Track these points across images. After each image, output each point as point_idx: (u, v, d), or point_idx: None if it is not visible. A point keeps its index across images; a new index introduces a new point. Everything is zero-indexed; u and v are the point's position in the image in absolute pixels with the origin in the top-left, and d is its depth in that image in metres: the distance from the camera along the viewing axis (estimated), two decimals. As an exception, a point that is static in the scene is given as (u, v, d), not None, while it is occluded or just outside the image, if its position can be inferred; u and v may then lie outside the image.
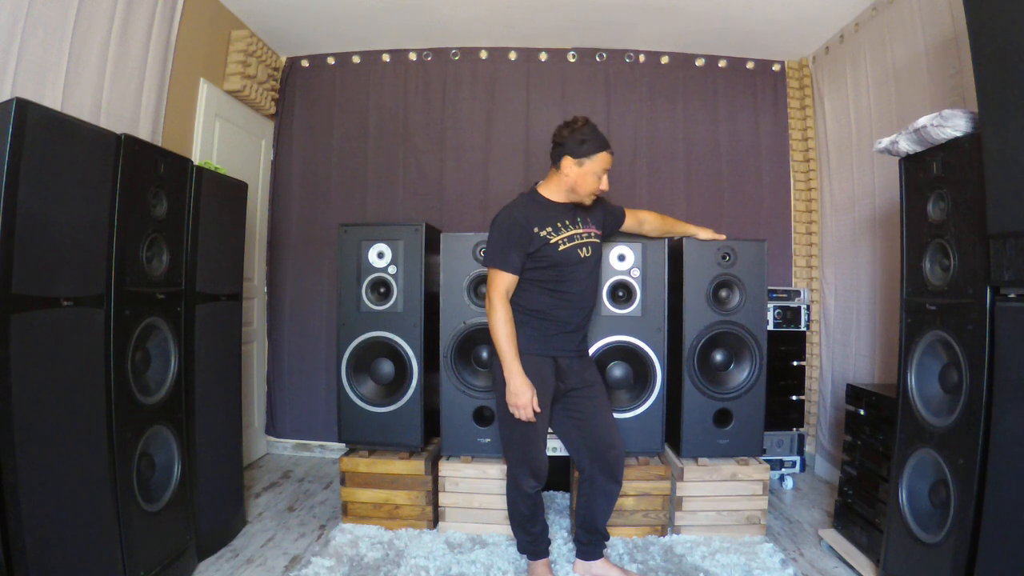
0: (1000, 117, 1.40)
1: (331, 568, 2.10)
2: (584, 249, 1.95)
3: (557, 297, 1.93)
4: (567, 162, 1.89)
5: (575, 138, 1.87)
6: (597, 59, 3.46)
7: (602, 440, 1.97)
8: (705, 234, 2.36)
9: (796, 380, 3.04)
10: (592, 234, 2.00)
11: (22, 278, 1.42)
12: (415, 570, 2.09)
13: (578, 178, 1.90)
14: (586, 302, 2.00)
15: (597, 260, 2.04)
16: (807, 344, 3.12)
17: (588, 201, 1.96)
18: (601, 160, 1.89)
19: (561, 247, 1.91)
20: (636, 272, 2.42)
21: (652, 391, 2.42)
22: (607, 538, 2.08)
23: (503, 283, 1.87)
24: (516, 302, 1.92)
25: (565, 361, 1.97)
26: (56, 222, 1.52)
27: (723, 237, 2.38)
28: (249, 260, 3.22)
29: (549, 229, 1.91)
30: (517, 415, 1.85)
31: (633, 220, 2.23)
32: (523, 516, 2.00)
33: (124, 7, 2.20)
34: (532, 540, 2.03)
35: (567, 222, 1.94)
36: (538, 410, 1.86)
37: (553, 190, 1.96)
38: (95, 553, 1.63)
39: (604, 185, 1.93)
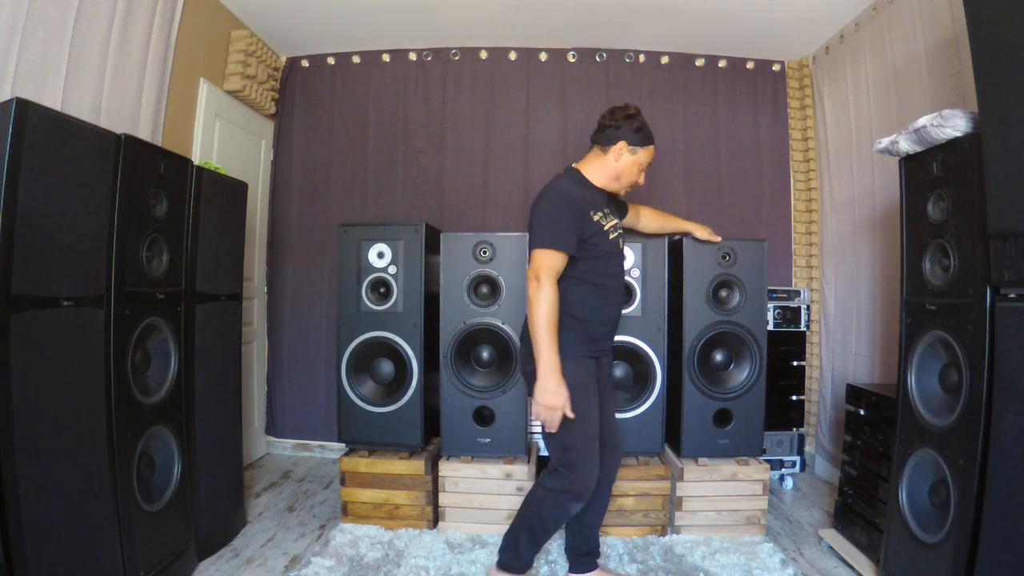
0: (1000, 117, 1.40)
1: (331, 568, 2.10)
2: (621, 240, 1.88)
3: (599, 292, 1.78)
4: (621, 147, 1.78)
5: (632, 125, 1.77)
6: (597, 59, 3.45)
7: (609, 440, 1.90)
8: (701, 232, 2.32)
9: (796, 380, 3.04)
10: (620, 225, 1.92)
11: (22, 278, 1.42)
12: (415, 570, 2.09)
13: (626, 167, 1.80)
14: (622, 296, 1.92)
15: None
16: (807, 344, 3.13)
17: (623, 192, 1.88)
18: (649, 153, 1.82)
19: (611, 235, 1.80)
20: (636, 272, 2.43)
21: (652, 391, 2.42)
22: (599, 555, 2.01)
23: (555, 263, 1.67)
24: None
25: (604, 359, 1.89)
26: (56, 222, 1.52)
27: (719, 239, 2.35)
28: (249, 260, 3.22)
29: (600, 215, 1.78)
30: (542, 418, 1.64)
31: (632, 214, 2.19)
32: (548, 533, 1.82)
33: (124, 7, 2.20)
34: (535, 554, 1.88)
35: (607, 210, 1.84)
36: (571, 416, 1.67)
37: (595, 173, 1.83)
38: (95, 553, 1.63)
39: (642, 179, 1.86)
